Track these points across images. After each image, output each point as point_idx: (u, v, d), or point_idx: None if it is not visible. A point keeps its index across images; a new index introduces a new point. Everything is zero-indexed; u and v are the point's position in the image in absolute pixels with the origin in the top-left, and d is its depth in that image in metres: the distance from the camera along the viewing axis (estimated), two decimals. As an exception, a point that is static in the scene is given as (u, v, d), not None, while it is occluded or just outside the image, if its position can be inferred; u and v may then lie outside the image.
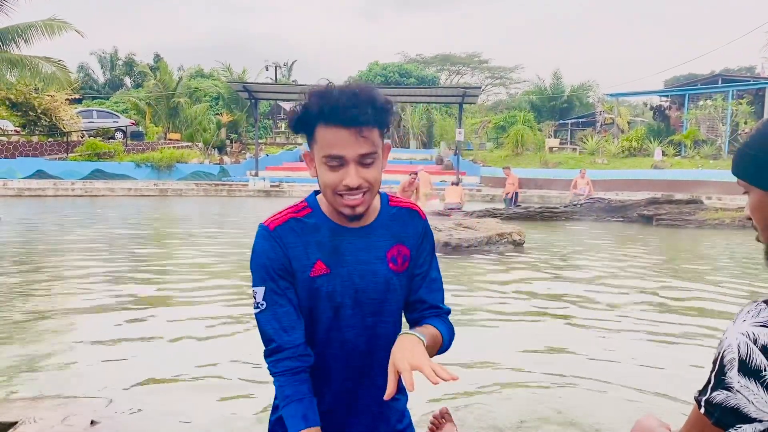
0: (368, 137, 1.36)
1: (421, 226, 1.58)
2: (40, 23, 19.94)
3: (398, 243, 1.53)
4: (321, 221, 1.49)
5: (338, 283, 1.47)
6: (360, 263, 1.48)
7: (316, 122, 1.37)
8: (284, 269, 1.46)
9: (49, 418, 3.29)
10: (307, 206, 1.52)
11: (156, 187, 25.33)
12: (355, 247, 1.48)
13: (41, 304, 6.41)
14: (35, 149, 27.39)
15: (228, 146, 34.69)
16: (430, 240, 1.61)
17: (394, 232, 1.53)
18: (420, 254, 1.58)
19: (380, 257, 1.50)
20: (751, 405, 0.98)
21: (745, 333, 0.99)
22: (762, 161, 1.08)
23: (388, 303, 1.52)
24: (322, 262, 1.46)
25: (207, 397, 4.01)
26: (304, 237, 1.47)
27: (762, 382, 0.97)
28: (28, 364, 4.56)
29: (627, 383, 4.28)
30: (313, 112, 1.36)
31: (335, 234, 1.48)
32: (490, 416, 3.81)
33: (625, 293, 7.37)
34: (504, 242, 10.58)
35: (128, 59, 51.62)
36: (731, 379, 0.99)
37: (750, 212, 1.13)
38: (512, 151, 31.94)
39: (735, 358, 0.99)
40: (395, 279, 1.51)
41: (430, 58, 54.33)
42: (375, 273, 1.49)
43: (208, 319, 5.87)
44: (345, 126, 1.34)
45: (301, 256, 1.46)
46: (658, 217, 15.45)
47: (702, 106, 30.56)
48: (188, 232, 13.81)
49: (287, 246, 1.46)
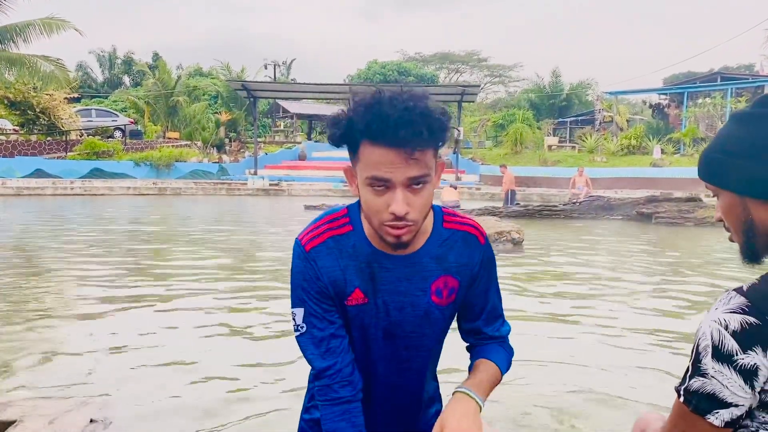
0: (420, 159, 1.19)
1: (478, 253, 1.42)
2: (39, 22, 19.94)
3: (446, 274, 1.38)
4: (361, 243, 1.34)
5: (372, 314, 1.36)
6: (399, 294, 1.35)
7: (361, 138, 1.21)
8: (322, 292, 1.34)
9: (47, 417, 3.29)
10: (348, 222, 1.36)
11: (155, 186, 25.32)
12: (395, 277, 1.35)
13: (39, 302, 6.40)
14: (34, 148, 27.37)
15: (227, 145, 34.68)
16: (489, 267, 1.46)
17: (444, 261, 1.37)
18: (476, 283, 1.44)
19: (423, 289, 1.36)
20: (726, 389, 1.01)
21: (717, 320, 1.02)
22: (729, 164, 1.10)
23: (427, 338, 1.41)
24: (360, 290, 1.34)
25: (209, 394, 4.01)
26: (342, 261, 1.34)
27: (735, 366, 0.99)
28: (26, 362, 4.56)
29: (628, 382, 4.29)
30: (359, 127, 1.20)
31: (375, 260, 1.34)
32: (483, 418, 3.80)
33: (625, 291, 7.37)
34: (503, 241, 10.58)
35: (127, 58, 51.59)
36: (706, 366, 1.02)
37: (722, 215, 1.16)
38: (511, 149, 31.94)
39: (709, 344, 1.02)
40: (437, 312, 1.39)
41: (429, 57, 54.37)
42: (414, 305, 1.37)
43: (210, 317, 5.87)
44: (395, 147, 1.17)
45: (338, 282, 1.34)
46: (657, 215, 15.46)
47: (701, 104, 30.61)
48: (188, 231, 13.81)
49: (324, 269, 1.33)
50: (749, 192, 1.09)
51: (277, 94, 35.32)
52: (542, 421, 3.70)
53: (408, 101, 1.18)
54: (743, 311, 1.00)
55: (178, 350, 4.98)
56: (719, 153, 1.12)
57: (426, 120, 1.17)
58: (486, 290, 1.47)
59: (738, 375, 1.00)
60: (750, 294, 1.02)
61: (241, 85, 30.85)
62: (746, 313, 1.00)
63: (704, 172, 1.16)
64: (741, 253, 1.15)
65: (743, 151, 1.08)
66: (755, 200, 1.09)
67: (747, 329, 0.99)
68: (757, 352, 0.99)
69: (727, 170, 1.10)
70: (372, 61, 48.02)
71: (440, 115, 1.21)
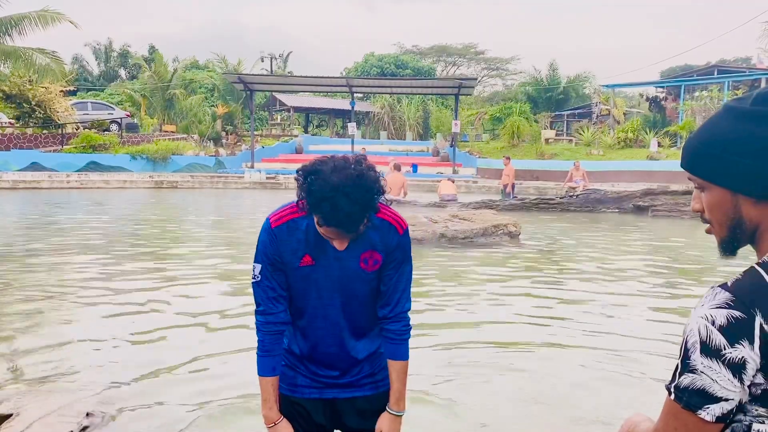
0: (356, 232, 1.69)
1: (396, 238, 1.86)
2: (34, 14, 19.81)
3: (372, 249, 1.84)
4: (311, 226, 1.79)
5: (321, 272, 1.83)
6: (338, 259, 1.82)
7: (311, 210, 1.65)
8: (276, 259, 1.83)
9: (44, 410, 3.29)
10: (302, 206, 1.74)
11: (151, 179, 25.26)
12: (335, 248, 1.80)
13: (35, 296, 6.40)
14: (30, 141, 27.27)
15: (223, 138, 34.56)
16: (403, 250, 1.89)
17: (371, 240, 1.83)
18: (390, 262, 1.87)
19: (355, 257, 1.83)
20: (716, 384, 1.02)
21: (704, 316, 1.03)
22: (725, 161, 1.10)
23: (358, 291, 1.87)
24: (309, 256, 1.82)
25: (203, 388, 4.01)
26: (296, 236, 1.81)
27: (723, 360, 1.01)
28: (23, 356, 4.56)
29: (624, 371, 4.31)
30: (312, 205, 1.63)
31: (321, 237, 1.78)
32: (477, 410, 3.82)
33: (621, 283, 7.40)
34: (500, 233, 10.59)
35: (123, 51, 51.40)
36: (695, 362, 1.04)
37: (707, 209, 1.16)
38: (508, 142, 31.90)
39: (697, 340, 1.03)
40: (364, 275, 1.86)
41: (427, 49, 54.19)
42: (349, 268, 1.84)
43: (205, 311, 5.87)
44: (339, 230, 1.66)
45: (293, 251, 1.82)
46: (654, 207, 15.49)
47: (698, 97, 30.59)
48: (185, 225, 13.80)
49: (282, 242, 1.81)
50: (744, 190, 1.09)
51: (273, 87, 35.26)
52: (534, 407, 3.72)
53: (354, 196, 1.59)
54: (728, 306, 1.01)
55: (172, 342, 4.99)
56: (715, 148, 1.11)
57: (366, 211, 1.63)
58: (397, 268, 1.89)
59: (727, 369, 1.01)
60: (734, 289, 1.03)
61: (237, 77, 30.72)
62: (731, 308, 1.01)
63: (693, 165, 1.16)
64: (720, 246, 1.17)
65: (742, 149, 1.08)
66: (747, 198, 1.10)
67: (733, 323, 1.01)
68: (744, 346, 1.00)
69: (723, 166, 1.10)
70: (369, 54, 47.80)
71: (377, 193, 1.66)
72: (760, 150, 1.07)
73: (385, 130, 39.71)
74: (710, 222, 1.17)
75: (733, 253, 1.16)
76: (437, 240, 10.12)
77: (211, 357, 4.58)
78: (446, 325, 5.53)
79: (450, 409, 3.76)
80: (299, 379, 1.94)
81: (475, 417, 3.64)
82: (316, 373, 1.95)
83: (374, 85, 34.45)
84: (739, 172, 1.08)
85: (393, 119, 40.60)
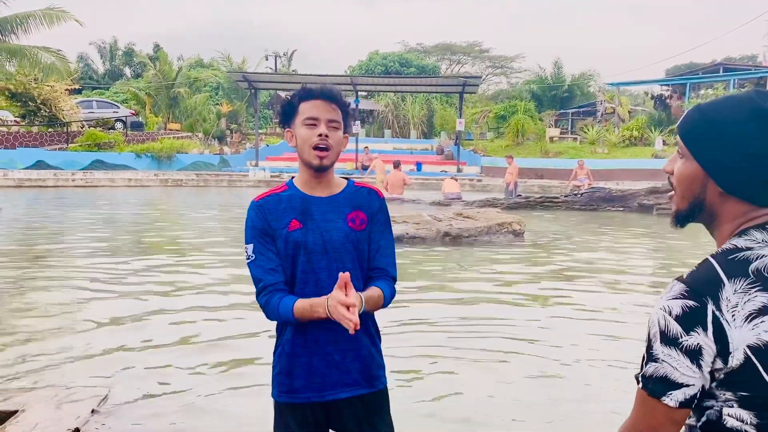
0: (335, 110, 1.90)
1: (378, 201, 2.01)
2: (39, 12, 19.87)
3: (358, 209, 1.96)
4: (295, 193, 1.95)
5: (309, 235, 1.90)
6: (326, 221, 1.92)
7: (300, 101, 1.91)
8: (266, 231, 1.91)
9: (49, 407, 3.31)
10: (285, 185, 1.99)
11: (156, 178, 25.30)
12: (322, 210, 1.92)
13: (40, 294, 6.43)
14: (35, 140, 27.34)
15: (228, 136, 34.61)
16: (385, 214, 2.03)
17: (355, 202, 1.97)
18: (375, 224, 1.99)
19: (342, 218, 1.93)
20: (676, 371, 1.08)
21: (662, 307, 1.10)
22: (716, 143, 1.13)
23: (348, 251, 1.92)
24: (296, 220, 1.90)
25: (208, 383, 4.03)
26: (281, 205, 1.92)
27: (681, 348, 1.08)
28: (28, 353, 4.58)
29: (629, 372, 4.30)
30: (300, 94, 1.92)
31: (306, 201, 1.93)
32: (476, 407, 3.83)
33: (625, 283, 7.39)
34: (504, 232, 10.58)
35: (128, 49, 51.39)
36: (656, 351, 1.10)
37: (676, 177, 1.21)
38: (513, 140, 31.84)
39: (657, 331, 1.10)
40: (353, 234, 1.93)
41: (431, 48, 54.09)
42: (338, 229, 1.92)
43: (208, 307, 5.89)
44: (320, 98, 1.89)
45: (279, 218, 1.91)
46: (659, 206, 15.43)
47: (703, 95, 30.50)
48: (190, 221, 13.83)
49: (268, 212, 1.91)
50: (718, 178, 1.14)
51: (278, 85, 35.18)
52: (537, 407, 3.72)
53: (327, 85, 1.93)
54: (683, 296, 1.08)
55: (177, 338, 5.00)
56: (713, 128, 1.13)
57: (337, 91, 1.93)
58: (382, 230, 2.00)
59: (684, 356, 1.07)
60: (688, 280, 1.10)
61: (242, 76, 30.74)
62: (686, 298, 1.08)
63: (686, 132, 1.18)
64: (674, 216, 1.24)
65: (738, 143, 1.10)
66: (717, 186, 1.14)
67: (687, 312, 1.07)
68: (699, 333, 1.06)
69: (711, 148, 1.13)
70: (373, 52, 47.73)
71: (345, 98, 1.95)
72: (754, 150, 1.09)
73: (389, 128, 39.69)
74: (674, 189, 1.22)
75: (683, 225, 1.24)
76: (441, 238, 10.12)
77: (218, 352, 4.59)
78: (451, 320, 5.53)
79: (457, 402, 3.76)
80: (296, 383, 1.92)
81: (479, 407, 3.65)
82: (312, 371, 1.92)
83: (378, 84, 34.40)
84: (723, 161, 1.12)
85: (397, 117, 40.55)
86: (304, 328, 1.89)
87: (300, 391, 1.92)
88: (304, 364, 1.91)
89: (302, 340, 1.90)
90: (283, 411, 1.95)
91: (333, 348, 1.90)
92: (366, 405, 1.95)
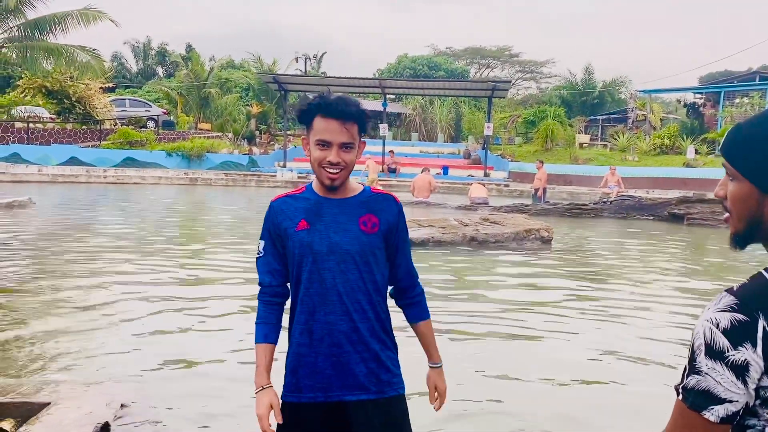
0: (349, 130, 1.86)
1: (395, 206, 2.01)
2: (76, 12, 20.29)
3: (370, 213, 1.95)
4: (310, 195, 1.98)
5: (315, 236, 1.91)
6: (336, 223, 1.92)
7: (315, 114, 1.87)
8: (277, 233, 1.97)
9: (79, 401, 3.36)
10: (304, 187, 2.03)
11: (186, 176, 25.63)
12: (333, 212, 1.93)
13: (72, 289, 6.54)
14: (69, 136, 27.93)
15: (257, 137, 34.93)
16: (404, 221, 2.05)
17: (369, 206, 1.96)
18: (399, 232, 2.02)
19: (354, 220, 1.93)
20: (720, 386, 1.05)
21: (709, 319, 1.06)
22: (764, 159, 1.09)
23: (358, 255, 1.91)
24: (305, 221, 1.93)
25: (236, 379, 4.05)
26: (294, 205, 1.97)
27: (726, 362, 1.04)
28: (60, 347, 4.67)
29: (659, 381, 4.24)
30: (315, 103, 1.88)
31: (319, 203, 1.95)
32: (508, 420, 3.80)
33: (655, 293, 7.27)
34: (531, 238, 10.50)
35: (161, 49, 52.18)
36: (700, 364, 1.07)
37: (730, 199, 1.17)
38: (542, 146, 31.58)
39: (702, 343, 1.07)
40: (364, 237, 1.93)
41: (460, 51, 53.90)
42: (348, 230, 1.92)
43: (240, 303, 5.94)
44: (335, 118, 1.84)
45: (290, 218, 1.95)
46: (690, 216, 15.17)
47: (738, 103, 29.93)
48: (220, 219, 13.96)
49: (281, 213, 1.97)
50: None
51: (307, 87, 35.38)
52: (567, 419, 3.68)
53: (344, 97, 1.88)
54: (732, 309, 1.04)
55: (207, 334, 5.05)
56: (758, 144, 1.10)
57: (354, 106, 1.86)
58: (404, 237, 2.04)
59: (730, 371, 1.04)
60: (739, 293, 1.06)
61: (272, 78, 31.01)
62: (735, 311, 1.04)
63: (731, 154, 1.15)
64: (733, 238, 1.19)
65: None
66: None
67: (736, 326, 1.03)
68: (747, 348, 1.02)
69: (761, 165, 1.10)
70: (402, 55, 47.78)
71: (363, 108, 1.89)
72: None
73: (416, 131, 39.66)
74: (730, 212, 1.19)
75: (743, 247, 1.19)
76: (467, 243, 10.07)
77: (248, 350, 4.63)
78: (481, 334, 5.50)
79: (489, 408, 3.74)
80: (302, 382, 1.92)
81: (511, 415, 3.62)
82: (317, 371, 1.91)
83: (407, 86, 34.41)
84: None
85: (425, 121, 40.51)
86: (311, 328, 1.91)
87: (305, 391, 1.92)
88: (309, 363, 1.92)
89: (308, 339, 1.92)
90: (290, 411, 1.94)
91: (338, 350, 1.90)
92: (381, 412, 1.92)
